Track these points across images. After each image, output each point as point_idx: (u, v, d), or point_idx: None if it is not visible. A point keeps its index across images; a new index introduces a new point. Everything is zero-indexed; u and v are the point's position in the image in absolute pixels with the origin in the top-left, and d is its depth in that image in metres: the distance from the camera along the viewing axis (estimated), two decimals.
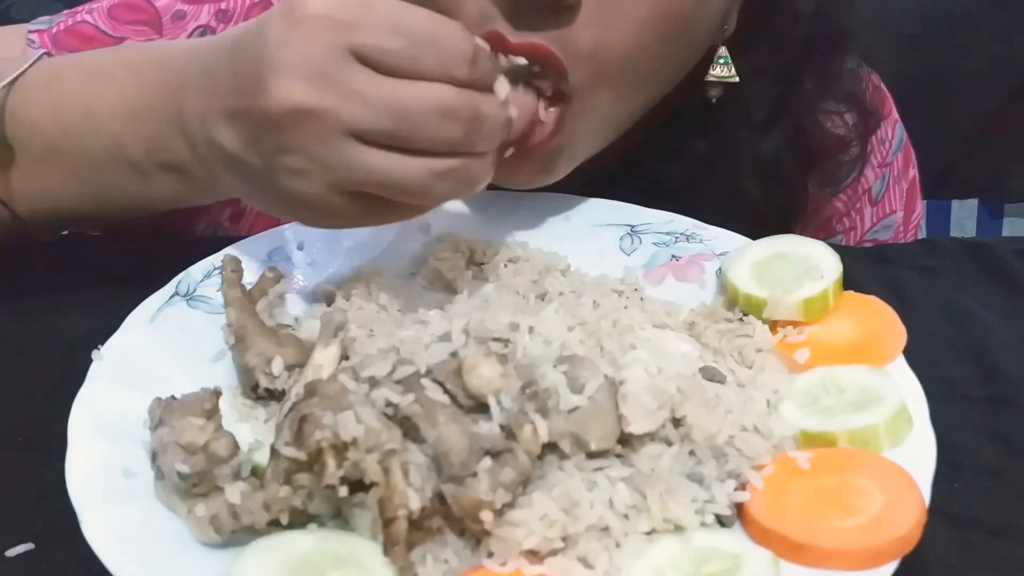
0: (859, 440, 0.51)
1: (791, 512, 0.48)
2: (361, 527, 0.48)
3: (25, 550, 0.51)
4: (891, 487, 0.49)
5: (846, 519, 0.47)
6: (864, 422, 0.52)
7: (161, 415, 0.51)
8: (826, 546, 0.46)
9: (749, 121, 0.78)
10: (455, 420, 0.48)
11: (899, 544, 0.46)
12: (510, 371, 0.50)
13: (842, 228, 0.93)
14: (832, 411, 0.53)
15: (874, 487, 0.49)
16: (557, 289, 0.64)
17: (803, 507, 0.48)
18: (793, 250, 0.64)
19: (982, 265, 0.76)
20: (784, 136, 0.78)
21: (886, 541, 0.46)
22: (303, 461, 0.47)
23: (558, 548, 0.47)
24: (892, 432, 0.52)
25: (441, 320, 0.56)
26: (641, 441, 0.50)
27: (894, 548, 0.46)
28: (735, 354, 0.60)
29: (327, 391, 0.49)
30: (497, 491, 0.46)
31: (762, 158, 0.79)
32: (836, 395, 0.54)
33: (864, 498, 0.48)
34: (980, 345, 0.67)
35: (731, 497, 0.49)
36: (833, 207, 0.92)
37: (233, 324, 0.59)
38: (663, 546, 0.47)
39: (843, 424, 0.52)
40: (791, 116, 0.79)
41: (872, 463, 0.50)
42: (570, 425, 0.49)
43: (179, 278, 0.63)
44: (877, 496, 0.48)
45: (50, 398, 0.55)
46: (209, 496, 0.48)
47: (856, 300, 0.62)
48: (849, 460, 0.51)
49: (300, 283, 0.66)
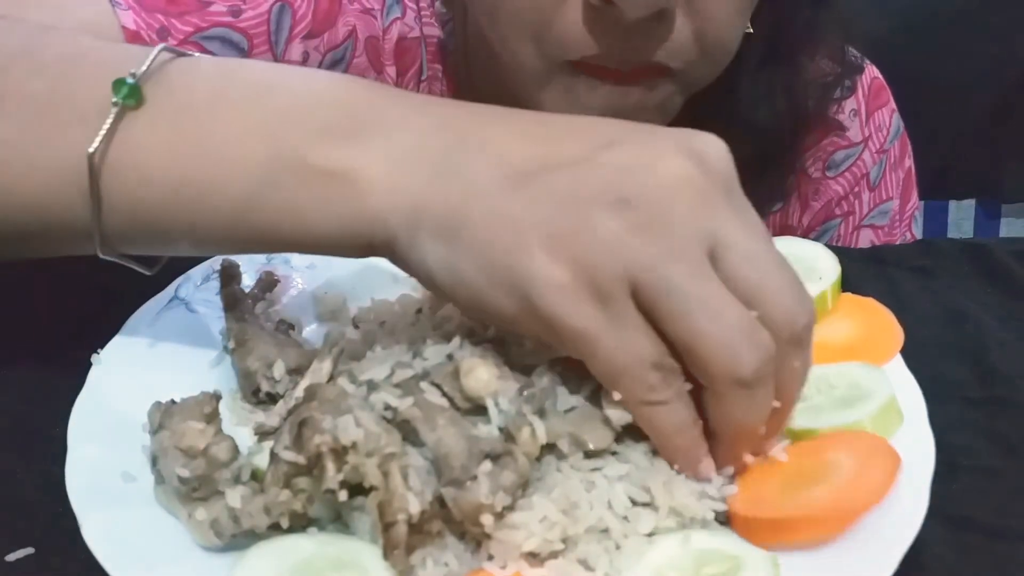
0: None
1: (768, 497, 0.48)
2: (361, 531, 0.48)
3: (25, 555, 0.50)
4: (863, 453, 0.48)
5: (817, 488, 0.47)
6: (850, 418, 0.52)
7: (161, 419, 0.51)
8: (797, 515, 0.46)
9: (746, 66, 0.82)
10: (454, 423, 0.48)
11: (870, 495, 0.46)
12: (506, 373, 0.50)
13: (841, 212, 0.94)
14: (820, 409, 0.53)
15: (848, 459, 0.48)
16: None
17: (780, 490, 0.48)
18: (792, 252, 0.64)
19: (979, 266, 0.76)
20: (776, 79, 0.85)
21: (857, 495, 0.46)
22: (303, 465, 0.47)
23: (558, 550, 0.47)
24: (880, 427, 0.52)
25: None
26: (633, 436, 0.50)
27: (865, 499, 0.46)
28: None
29: (326, 395, 0.49)
30: (497, 494, 0.46)
31: (759, 96, 0.85)
32: (826, 392, 0.54)
33: (837, 469, 0.48)
34: (978, 346, 0.67)
35: (721, 491, 0.50)
36: (833, 191, 0.93)
37: (233, 328, 0.59)
38: (663, 548, 0.47)
39: (829, 421, 0.52)
40: (782, 64, 0.85)
41: (848, 439, 0.50)
42: (567, 425, 0.49)
43: (178, 282, 0.64)
44: (850, 465, 0.48)
45: (49, 401, 0.55)
46: (209, 500, 0.48)
47: (853, 301, 0.62)
48: (825, 441, 0.51)
49: (299, 286, 0.66)
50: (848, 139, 0.93)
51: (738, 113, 0.83)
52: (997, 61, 1.32)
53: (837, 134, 0.92)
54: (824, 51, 0.88)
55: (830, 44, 0.89)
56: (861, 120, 0.93)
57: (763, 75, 0.84)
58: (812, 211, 0.93)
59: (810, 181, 0.92)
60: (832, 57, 0.90)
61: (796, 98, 0.87)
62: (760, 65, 0.83)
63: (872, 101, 0.94)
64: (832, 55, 0.89)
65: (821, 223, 0.95)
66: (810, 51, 0.87)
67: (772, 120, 0.84)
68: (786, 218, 0.93)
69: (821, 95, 0.89)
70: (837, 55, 0.90)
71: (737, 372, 0.45)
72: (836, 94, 0.90)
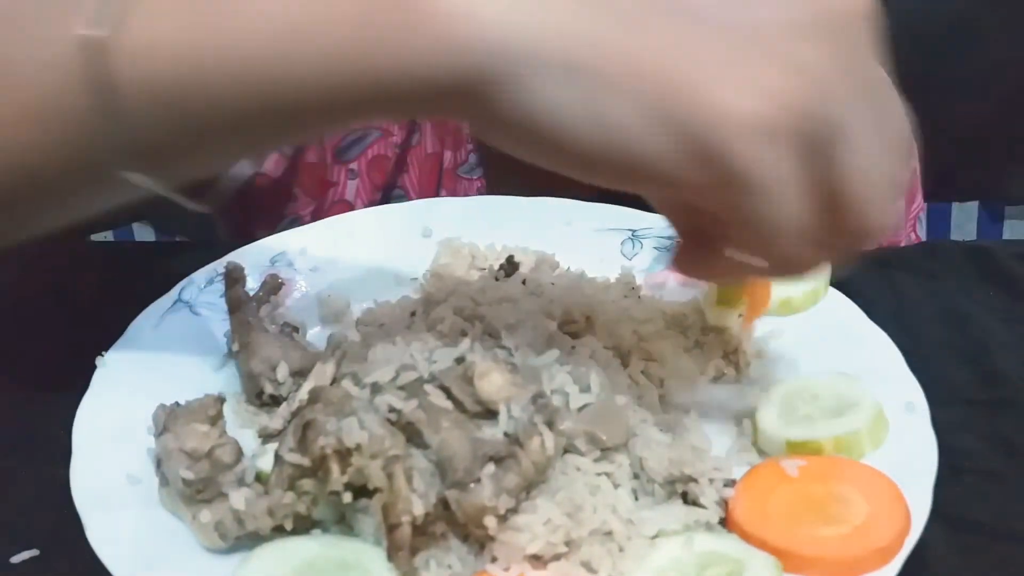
0: (843, 445, 0.52)
1: (774, 518, 0.48)
2: (365, 533, 0.48)
3: (30, 556, 0.51)
4: (876, 498, 0.49)
5: (828, 527, 0.48)
6: (847, 428, 0.53)
7: (165, 421, 0.51)
8: (806, 553, 0.46)
9: None
10: (458, 426, 0.48)
11: (879, 555, 0.46)
12: (519, 380, 0.50)
13: None
14: (812, 419, 0.54)
15: (859, 497, 0.49)
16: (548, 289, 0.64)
17: (786, 514, 0.49)
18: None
19: (982, 268, 0.76)
20: None
21: (866, 551, 0.46)
22: (307, 467, 0.47)
23: (562, 553, 0.47)
24: (873, 436, 0.52)
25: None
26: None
27: (874, 559, 0.46)
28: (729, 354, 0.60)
29: (330, 397, 0.49)
30: (501, 496, 0.46)
31: None
32: (811, 403, 0.55)
33: (849, 508, 0.48)
34: (981, 348, 0.67)
35: (720, 493, 0.50)
36: None
37: (237, 330, 0.59)
38: (666, 550, 0.48)
39: (827, 431, 0.53)
40: None
41: (860, 473, 0.51)
42: (583, 424, 0.49)
43: (182, 284, 0.64)
44: (862, 506, 0.48)
45: (53, 403, 0.55)
46: (213, 502, 0.49)
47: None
48: (836, 469, 0.51)
49: (303, 289, 0.66)
50: None
51: None
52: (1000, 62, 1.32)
53: None
54: None
55: None
56: None
57: None
58: None
59: None
60: None
61: None
62: None
63: None
64: None
65: None
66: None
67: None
68: None
69: None
70: None
71: (875, 229, 0.41)
72: None
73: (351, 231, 0.70)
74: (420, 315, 0.59)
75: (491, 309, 0.57)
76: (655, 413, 0.54)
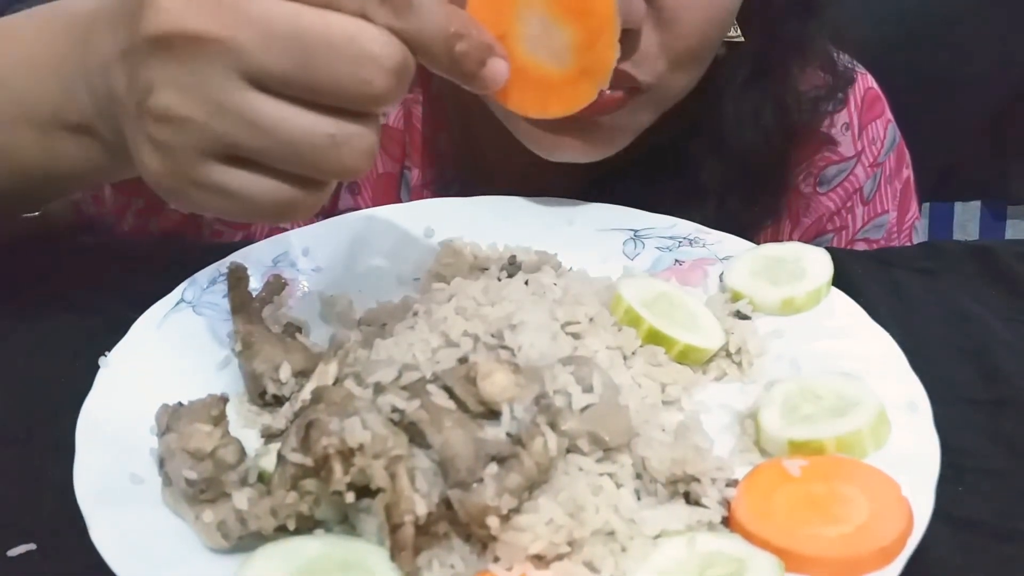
0: (846, 445, 0.52)
1: (776, 517, 0.49)
2: (368, 532, 0.48)
3: (27, 550, 0.51)
4: (878, 498, 0.49)
5: (830, 527, 0.48)
6: (849, 427, 0.53)
7: (168, 421, 0.51)
8: (808, 553, 0.47)
9: (733, 81, 0.81)
10: (460, 426, 0.49)
11: (881, 554, 0.46)
12: (522, 380, 0.50)
13: (833, 227, 0.93)
14: (814, 419, 0.54)
15: (861, 497, 0.49)
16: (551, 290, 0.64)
17: (788, 513, 0.49)
18: (778, 253, 0.67)
19: (984, 268, 0.76)
20: (765, 93, 0.83)
21: (869, 551, 0.46)
22: (310, 467, 0.47)
23: (564, 553, 0.47)
24: (876, 436, 0.53)
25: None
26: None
27: (877, 558, 0.46)
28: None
29: (333, 397, 0.50)
30: (503, 496, 0.46)
31: (745, 113, 0.83)
32: (814, 402, 0.55)
33: (850, 507, 0.49)
34: (982, 348, 0.67)
35: (723, 493, 0.50)
36: (824, 206, 0.93)
37: (240, 331, 0.59)
38: (668, 550, 0.48)
39: (830, 431, 0.53)
40: (769, 78, 0.83)
41: (861, 473, 0.51)
42: (586, 424, 0.49)
43: (185, 284, 0.64)
44: (863, 506, 0.48)
45: (53, 399, 0.56)
46: (216, 502, 0.49)
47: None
48: (838, 469, 0.51)
49: (305, 289, 0.66)
50: (840, 154, 0.91)
51: (724, 132, 0.82)
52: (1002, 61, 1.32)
53: (829, 149, 0.91)
54: (814, 62, 0.87)
55: (820, 54, 0.87)
56: (854, 134, 0.92)
57: (749, 90, 0.82)
58: (803, 227, 0.92)
59: (801, 197, 0.91)
60: (822, 67, 0.88)
61: (784, 113, 0.85)
62: (747, 80, 0.82)
63: (865, 114, 0.92)
64: (823, 65, 0.88)
65: (812, 239, 0.93)
66: (799, 63, 0.85)
67: (760, 137, 0.82)
68: (777, 234, 0.92)
69: (811, 109, 0.87)
70: (828, 65, 0.88)
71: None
72: (827, 107, 0.89)
73: (353, 231, 0.70)
74: (422, 315, 0.59)
75: (493, 309, 0.57)
76: (657, 413, 0.54)
